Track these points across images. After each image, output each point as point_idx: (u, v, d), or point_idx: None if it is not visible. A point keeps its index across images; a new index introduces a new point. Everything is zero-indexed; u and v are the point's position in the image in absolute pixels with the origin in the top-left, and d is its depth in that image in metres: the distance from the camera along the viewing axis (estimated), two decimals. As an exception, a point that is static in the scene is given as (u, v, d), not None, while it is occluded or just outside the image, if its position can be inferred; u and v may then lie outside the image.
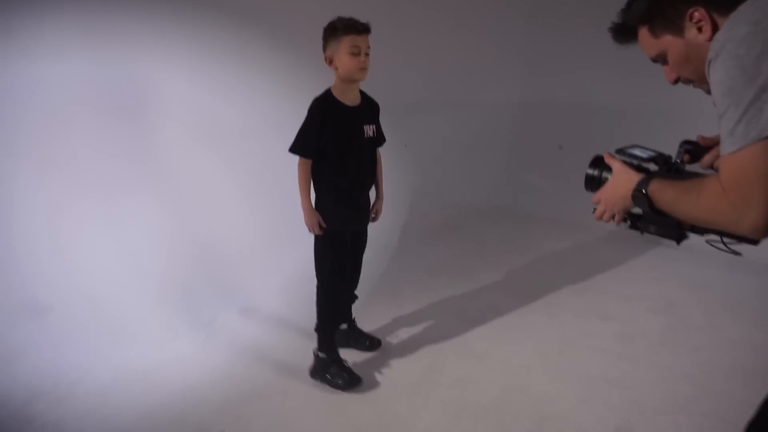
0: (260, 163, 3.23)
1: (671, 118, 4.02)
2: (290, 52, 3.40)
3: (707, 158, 1.12)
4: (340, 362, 2.27)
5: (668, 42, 1.06)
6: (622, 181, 1.13)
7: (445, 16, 4.63)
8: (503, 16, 4.90)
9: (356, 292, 2.52)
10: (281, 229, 3.04)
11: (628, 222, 1.17)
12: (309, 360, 2.31)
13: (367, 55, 2.08)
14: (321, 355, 2.27)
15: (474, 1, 4.75)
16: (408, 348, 2.56)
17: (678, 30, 1.04)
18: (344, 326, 2.50)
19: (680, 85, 1.13)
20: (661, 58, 1.10)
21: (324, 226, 2.17)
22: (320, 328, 2.29)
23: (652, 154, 1.18)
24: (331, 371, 2.24)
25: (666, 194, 1.04)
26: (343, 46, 2.05)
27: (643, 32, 1.09)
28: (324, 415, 2.12)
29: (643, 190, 1.06)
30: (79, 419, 2.09)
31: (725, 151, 0.88)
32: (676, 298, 3.04)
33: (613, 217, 1.16)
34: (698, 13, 1.00)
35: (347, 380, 2.22)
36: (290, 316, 2.80)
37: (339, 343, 2.35)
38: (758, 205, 0.85)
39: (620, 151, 1.18)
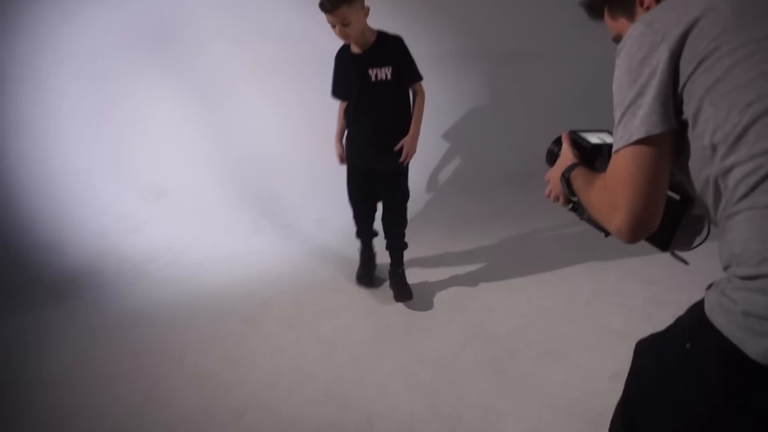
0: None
1: None
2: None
3: None
4: (363, 261, 2.73)
5: (623, 25, 1.02)
6: (561, 163, 1.11)
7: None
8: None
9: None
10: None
11: (570, 204, 1.12)
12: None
13: (344, 25, 2.19)
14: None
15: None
16: (451, 274, 2.88)
17: (630, 14, 0.99)
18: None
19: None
20: (618, 40, 1.01)
21: (344, 160, 2.52)
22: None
23: (610, 141, 1.10)
24: (361, 279, 2.72)
25: (576, 182, 1.02)
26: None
27: (606, 13, 1.05)
28: (362, 312, 2.55)
29: (566, 175, 1.05)
30: (179, 281, 2.71)
31: (614, 149, 0.86)
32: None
33: (558, 198, 1.13)
34: (647, 0, 0.95)
35: (358, 276, 2.70)
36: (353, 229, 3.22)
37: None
38: (622, 209, 0.84)
39: (574, 132, 1.15)
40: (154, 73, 3.06)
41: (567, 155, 1.10)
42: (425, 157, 3.29)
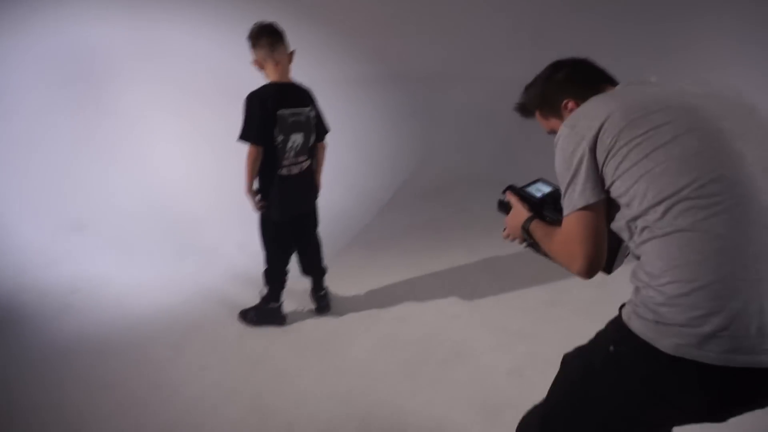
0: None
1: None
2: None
3: None
4: (278, 310, 2.74)
5: (555, 123, 1.36)
6: (516, 215, 1.40)
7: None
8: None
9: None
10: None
11: (527, 243, 1.41)
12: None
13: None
14: (268, 304, 2.71)
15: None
16: (365, 288, 3.11)
17: (559, 116, 1.34)
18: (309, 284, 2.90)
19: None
20: (552, 133, 1.33)
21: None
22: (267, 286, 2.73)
23: (548, 190, 1.41)
24: (267, 317, 2.72)
25: (537, 233, 1.32)
26: None
27: (537, 114, 1.41)
28: (284, 331, 2.72)
29: (526, 227, 1.35)
30: (102, 311, 2.77)
31: (563, 214, 1.18)
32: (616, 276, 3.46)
33: (516, 239, 1.43)
34: (571, 104, 1.30)
35: (277, 322, 2.72)
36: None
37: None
38: (579, 259, 1.14)
39: (520, 189, 1.44)
40: (68, 106, 3.11)
41: (520, 210, 1.41)
42: (343, 177, 3.52)
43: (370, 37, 4.23)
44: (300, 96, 2.48)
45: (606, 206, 1.15)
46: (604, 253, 1.17)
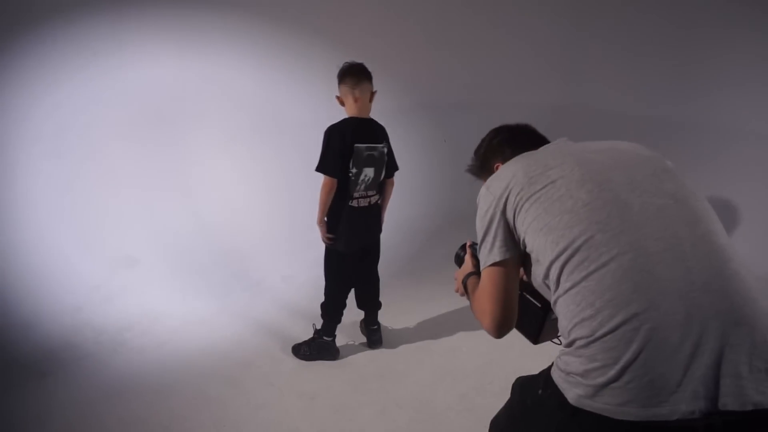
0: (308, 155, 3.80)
1: (703, 130, 4.27)
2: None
3: None
4: (332, 344, 2.72)
5: None
6: (464, 268, 1.47)
7: (489, 20, 5.01)
8: (545, 22, 5.20)
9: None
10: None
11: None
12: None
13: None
14: (322, 338, 2.70)
15: (515, 6, 5.08)
16: (413, 321, 3.10)
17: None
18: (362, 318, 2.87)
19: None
20: None
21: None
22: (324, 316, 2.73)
23: None
24: (321, 351, 2.70)
25: (469, 289, 1.38)
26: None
27: (482, 179, 1.48)
28: (337, 365, 2.71)
29: (464, 282, 1.42)
30: (156, 348, 2.79)
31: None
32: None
33: (464, 293, 1.46)
34: (498, 167, 1.39)
35: (330, 356, 2.71)
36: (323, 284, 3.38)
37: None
38: (488, 315, 1.21)
39: (474, 244, 1.46)
40: (121, 145, 3.19)
41: (468, 264, 1.47)
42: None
43: (398, 69, 4.31)
44: (376, 132, 2.56)
45: (518, 265, 1.22)
46: (513, 313, 1.22)
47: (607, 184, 1.11)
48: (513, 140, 1.42)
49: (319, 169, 2.47)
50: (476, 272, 1.39)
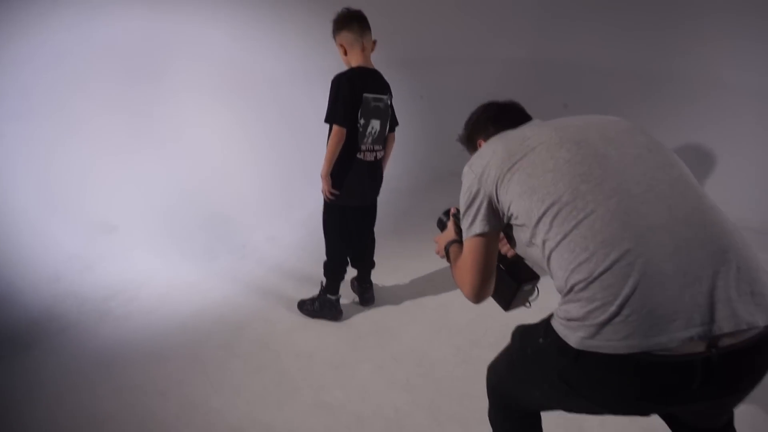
0: (288, 112, 3.69)
1: (673, 83, 4.31)
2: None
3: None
4: (336, 303, 2.70)
5: None
6: (445, 235, 1.57)
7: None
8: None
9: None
10: (302, 169, 3.53)
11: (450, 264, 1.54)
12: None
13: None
14: (326, 296, 2.67)
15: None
16: (404, 277, 3.10)
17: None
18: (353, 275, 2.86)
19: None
20: None
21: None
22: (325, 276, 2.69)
23: None
24: (324, 309, 2.68)
25: (452, 256, 1.48)
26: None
27: (468, 151, 1.58)
28: (331, 323, 2.70)
29: (447, 248, 1.52)
30: (144, 315, 2.72)
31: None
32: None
33: (444, 256, 1.57)
34: (482, 144, 1.47)
35: (333, 315, 2.70)
36: (310, 244, 3.34)
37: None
38: (468, 285, 1.33)
39: (458, 211, 1.52)
40: (91, 105, 3.01)
41: (450, 231, 1.56)
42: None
43: (373, 24, 4.17)
44: (382, 82, 2.48)
45: (497, 237, 1.31)
46: (490, 283, 1.34)
47: (584, 141, 1.19)
48: (498, 118, 1.47)
49: (328, 119, 2.37)
50: (458, 240, 1.49)
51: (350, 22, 2.37)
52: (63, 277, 2.78)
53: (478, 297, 1.35)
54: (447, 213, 1.64)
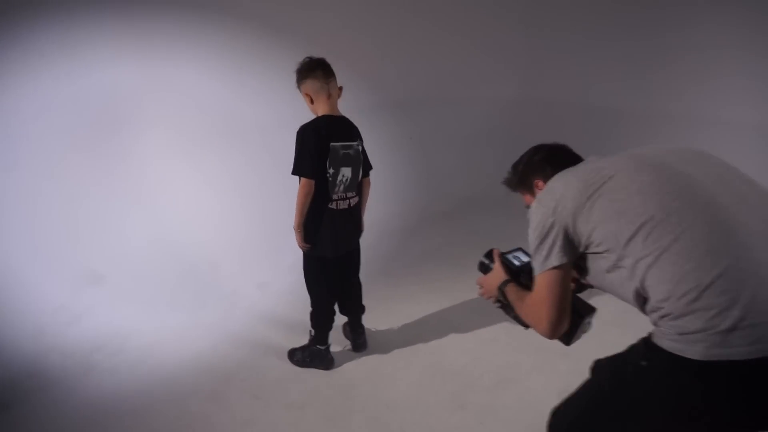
0: (273, 158, 3.69)
1: (665, 121, 4.36)
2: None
3: None
4: (326, 352, 2.63)
5: (529, 200, 1.53)
6: (495, 277, 1.54)
7: (448, 16, 5.02)
8: (502, 17, 5.26)
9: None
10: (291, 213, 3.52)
11: (499, 303, 1.57)
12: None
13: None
14: (316, 346, 2.62)
15: (474, 3, 5.11)
16: (396, 321, 3.04)
17: (532, 193, 1.53)
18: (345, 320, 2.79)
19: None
20: (528, 207, 1.48)
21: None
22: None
23: (527, 260, 1.54)
24: (315, 359, 2.62)
25: (510, 296, 1.46)
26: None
27: (519, 191, 1.60)
28: (322, 372, 2.62)
29: (502, 289, 1.49)
30: (130, 368, 2.64)
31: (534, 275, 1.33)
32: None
33: (490, 298, 1.57)
34: (540, 183, 1.48)
35: (324, 365, 2.62)
36: (300, 289, 3.27)
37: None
38: (544, 320, 1.30)
39: (504, 254, 1.59)
40: (77, 155, 3.01)
41: (499, 272, 1.54)
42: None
43: (357, 68, 4.24)
44: (350, 129, 2.45)
45: (570, 270, 1.29)
46: (567, 315, 1.30)
47: (664, 165, 1.23)
48: (553, 158, 1.49)
49: (295, 171, 2.34)
50: (512, 280, 1.49)
51: (314, 70, 2.33)
52: (47, 331, 2.70)
53: (555, 332, 1.31)
54: (488, 255, 1.63)
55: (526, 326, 1.45)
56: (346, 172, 2.42)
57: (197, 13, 3.40)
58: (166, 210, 3.31)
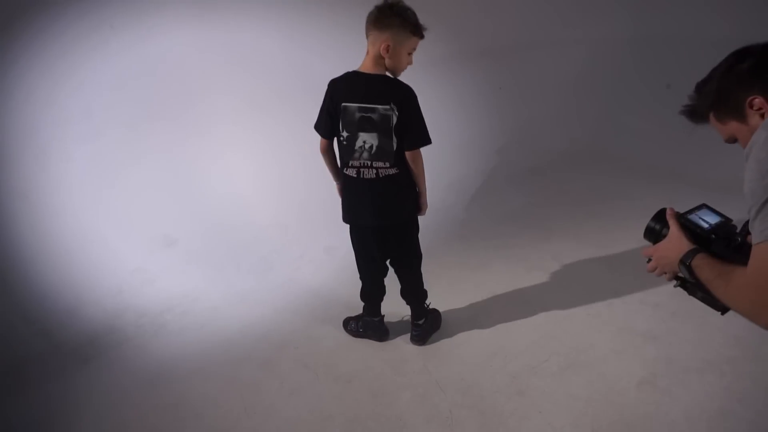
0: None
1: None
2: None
3: None
4: (379, 324, 2.53)
5: (735, 128, 1.11)
6: (674, 246, 1.17)
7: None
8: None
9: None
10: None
11: (678, 281, 1.20)
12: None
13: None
14: (367, 317, 2.53)
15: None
16: (462, 291, 2.83)
17: (741, 117, 1.07)
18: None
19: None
20: (732, 141, 1.14)
21: None
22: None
23: (716, 221, 1.18)
24: (367, 330, 2.53)
25: (704, 272, 1.09)
26: (408, 45, 2.09)
27: (712, 117, 1.15)
28: (378, 344, 2.52)
29: (687, 263, 1.12)
30: (197, 329, 2.73)
31: (753, 243, 0.97)
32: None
33: (664, 274, 1.21)
34: (758, 101, 1.03)
35: (377, 336, 2.51)
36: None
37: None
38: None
39: (683, 215, 1.21)
40: (149, 126, 3.11)
41: (679, 240, 1.17)
42: (429, 167, 3.27)
43: (444, 13, 3.88)
44: (377, 91, 2.08)
45: None
46: None
47: None
48: None
49: (315, 125, 2.24)
50: (700, 249, 1.14)
51: (367, 22, 2.08)
52: (125, 290, 2.88)
53: None
54: (659, 218, 1.27)
55: (724, 310, 1.11)
56: (367, 137, 2.12)
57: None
58: (236, 176, 3.35)
